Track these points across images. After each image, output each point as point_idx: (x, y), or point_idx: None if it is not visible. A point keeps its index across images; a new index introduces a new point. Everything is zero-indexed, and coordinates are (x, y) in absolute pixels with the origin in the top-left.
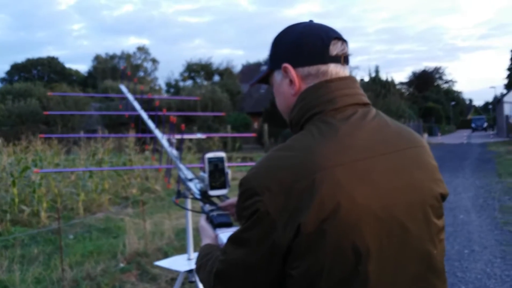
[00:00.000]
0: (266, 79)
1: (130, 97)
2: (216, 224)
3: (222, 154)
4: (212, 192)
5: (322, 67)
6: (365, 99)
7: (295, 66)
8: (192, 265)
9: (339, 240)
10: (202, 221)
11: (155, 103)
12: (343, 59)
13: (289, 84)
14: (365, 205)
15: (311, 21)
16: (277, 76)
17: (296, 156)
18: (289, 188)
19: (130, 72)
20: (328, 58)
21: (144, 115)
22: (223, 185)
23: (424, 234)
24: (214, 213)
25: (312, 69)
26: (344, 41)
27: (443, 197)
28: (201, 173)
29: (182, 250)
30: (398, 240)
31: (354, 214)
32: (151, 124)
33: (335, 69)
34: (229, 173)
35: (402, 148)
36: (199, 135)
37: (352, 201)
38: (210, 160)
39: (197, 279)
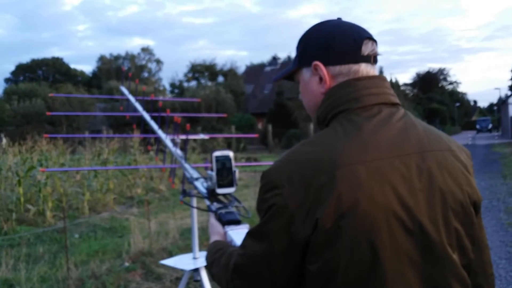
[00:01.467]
0: (291, 76)
1: (131, 98)
2: (225, 222)
3: (229, 152)
4: (220, 190)
5: (354, 67)
6: (394, 99)
7: (326, 64)
8: (198, 264)
9: (356, 237)
10: (212, 219)
11: (158, 104)
12: (373, 59)
13: (319, 82)
14: (384, 204)
15: (339, 18)
16: (306, 73)
17: (318, 152)
18: (309, 183)
19: (132, 73)
20: (360, 57)
21: (146, 116)
22: (230, 183)
23: (443, 237)
24: (223, 211)
25: (344, 68)
26: (374, 41)
27: (475, 204)
28: (209, 172)
29: (187, 249)
30: (416, 240)
31: (372, 212)
32: (154, 125)
33: (365, 69)
34: (237, 171)
35: (427, 150)
36: (202, 136)
37: (371, 200)
38: (218, 159)
39: (202, 277)
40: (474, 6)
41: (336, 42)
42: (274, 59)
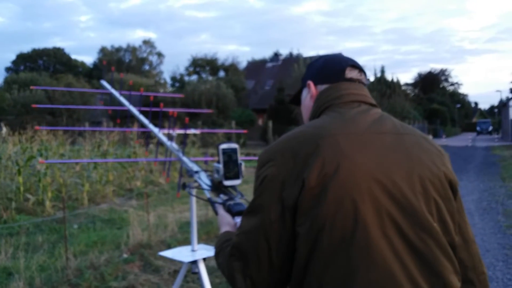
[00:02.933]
0: (298, 98)
1: (115, 92)
2: (235, 213)
3: (235, 145)
4: (227, 182)
5: None
6: (372, 100)
7: (316, 83)
8: (196, 256)
9: (339, 196)
10: (221, 210)
11: (149, 98)
12: (357, 83)
13: (310, 97)
14: (364, 167)
15: (340, 54)
16: (304, 92)
17: (305, 130)
18: (296, 153)
19: (133, 65)
20: (343, 79)
21: (134, 110)
22: (236, 176)
23: (422, 205)
24: (231, 202)
25: (328, 86)
26: (362, 70)
27: (451, 183)
28: (215, 164)
29: (185, 242)
30: (398, 204)
31: (354, 173)
32: (143, 119)
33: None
34: (243, 164)
35: (401, 133)
36: (193, 131)
37: (352, 163)
38: (224, 151)
39: (200, 269)
40: (478, 8)
41: (326, 67)
42: (276, 55)
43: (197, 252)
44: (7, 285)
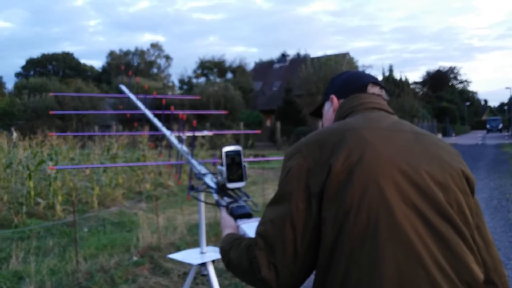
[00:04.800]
0: (320, 110)
1: (132, 96)
2: (237, 216)
3: (238, 147)
4: (230, 185)
5: None
6: (390, 110)
7: (339, 98)
8: (205, 259)
9: (365, 181)
10: (224, 213)
11: (161, 101)
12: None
13: (333, 111)
14: (387, 156)
15: (362, 71)
16: (327, 106)
17: (331, 126)
18: (323, 144)
19: (141, 69)
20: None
21: (149, 113)
22: (240, 178)
23: (442, 196)
24: (234, 205)
25: None
26: (383, 87)
27: (468, 179)
28: (219, 167)
29: (195, 245)
30: (419, 189)
31: (378, 161)
32: (157, 122)
33: None
34: (246, 166)
35: (419, 132)
36: (206, 132)
37: (376, 151)
38: (228, 154)
39: (209, 271)
40: (486, 5)
41: (348, 81)
42: (283, 56)
43: (206, 254)
44: None
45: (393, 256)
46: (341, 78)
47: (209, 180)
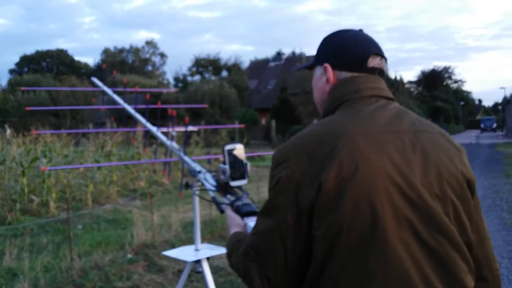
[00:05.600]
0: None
1: (107, 90)
2: (244, 214)
3: (240, 145)
4: (233, 183)
5: (356, 75)
6: (389, 94)
7: (334, 68)
8: (200, 256)
9: (357, 199)
10: (229, 211)
11: (146, 96)
12: (378, 72)
13: (326, 81)
14: (382, 170)
15: (361, 30)
16: (318, 71)
17: (320, 128)
18: (312, 154)
19: (135, 66)
20: (365, 68)
21: (128, 108)
22: (242, 176)
23: (439, 207)
24: (239, 203)
25: (348, 74)
26: (383, 57)
27: (469, 182)
28: (221, 165)
29: (189, 242)
30: (414, 206)
31: (371, 176)
32: (140, 118)
33: None
34: (248, 164)
35: (419, 130)
36: (191, 128)
37: (370, 165)
38: (230, 152)
39: (204, 269)
40: (481, 5)
41: (347, 51)
42: (279, 54)
43: (200, 252)
44: (11, 286)
45: (383, 277)
46: (336, 43)
47: (209, 178)
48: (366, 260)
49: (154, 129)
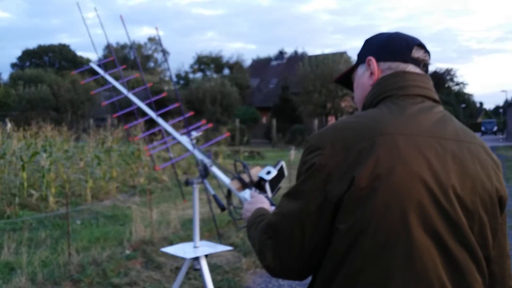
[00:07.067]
0: (347, 79)
1: (108, 77)
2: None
3: (282, 163)
4: (267, 186)
5: (402, 65)
6: (436, 96)
7: (378, 60)
8: (198, 253)
9: (388, 200)
10: (253, 192)
11: (149, 87)
12: (423, 65)
13: (369, 76)
14: (418, 174)
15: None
16: (360, 69)
17: (361, 121)
18: (350, 146)
19: (138, 63)
20: (410, 58)
21: (133, 97)
22: (273, 188)
23: (464, 220)
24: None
25: (393, 64)
26: (427, 51)
27: (501, 199)
28: (269, 166)
29: (188, 239)
30: (443, 213)
31: (407, 179)
32: (144, 107)
33: (413, 69)
34: (281, 187)
35: (462, 140)
36: (195, 134)
37: (407, 168)
38: (282, 167)
39: (202, 266)
40: (485, 7)
41: (390, 42)
42: (281, 53)
43: (199, 249)
44: (9, 280)
45: (402, 282)
46: (381, 38)
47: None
48: (388, 263)
49: (161, 121)
